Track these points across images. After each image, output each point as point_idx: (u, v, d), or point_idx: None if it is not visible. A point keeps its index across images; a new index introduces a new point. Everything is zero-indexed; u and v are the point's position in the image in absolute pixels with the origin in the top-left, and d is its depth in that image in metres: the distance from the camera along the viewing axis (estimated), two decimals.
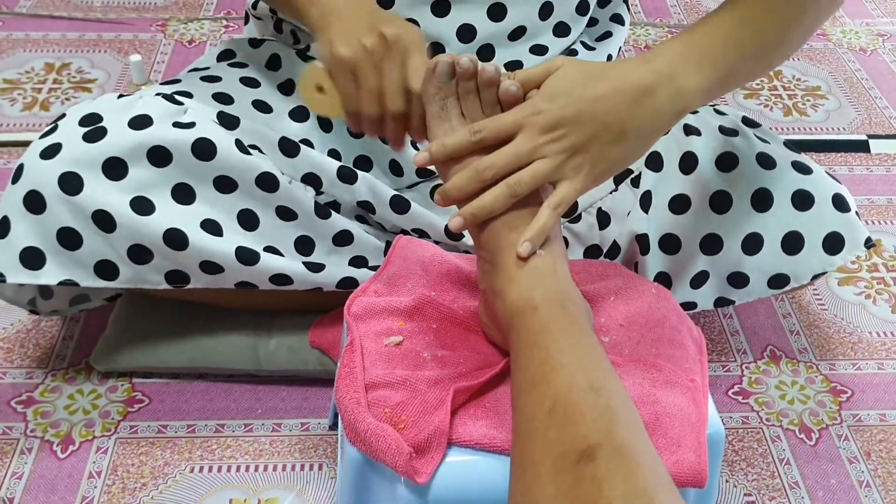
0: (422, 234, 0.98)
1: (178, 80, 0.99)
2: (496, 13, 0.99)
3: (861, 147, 1.47)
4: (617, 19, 1.15)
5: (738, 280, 0.96)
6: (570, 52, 1.08)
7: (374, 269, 0.96)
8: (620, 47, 1.15)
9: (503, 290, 0.74)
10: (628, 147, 0.76)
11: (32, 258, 0.86)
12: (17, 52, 1.58)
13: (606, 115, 0.74)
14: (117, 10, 1.72)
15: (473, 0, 0.97)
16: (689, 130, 0.95)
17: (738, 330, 1.14)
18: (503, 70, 0.77)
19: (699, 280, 0.97)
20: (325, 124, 1.03)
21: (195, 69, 1.04)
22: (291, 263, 0.91)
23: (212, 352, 1.02)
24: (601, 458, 0.55)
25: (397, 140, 0.81)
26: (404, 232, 0.99)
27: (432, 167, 0.86)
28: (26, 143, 1.34)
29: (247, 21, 1.16)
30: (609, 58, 1.12)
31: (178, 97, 0.91)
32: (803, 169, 0.95)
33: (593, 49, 1.11)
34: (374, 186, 0.97)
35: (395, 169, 1.05)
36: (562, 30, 1.04)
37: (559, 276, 0.74)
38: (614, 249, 0.98)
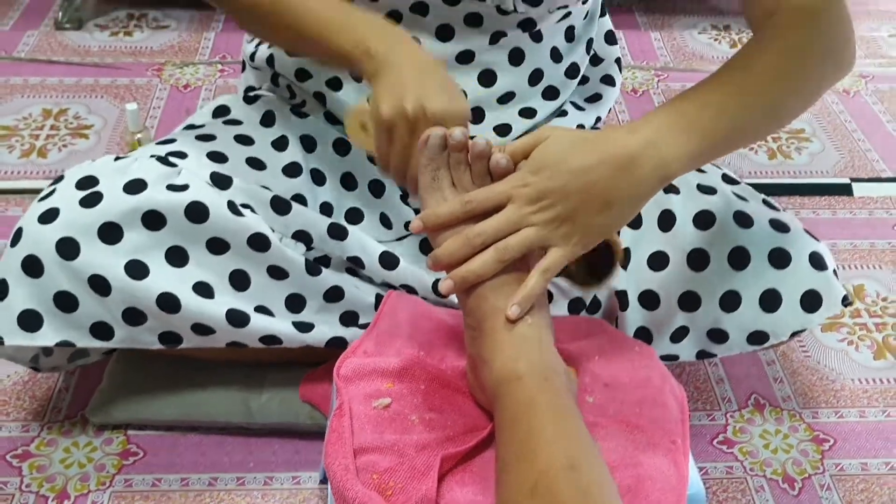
0: (410, 289, 1.01)
1: (173, 140, 1.01)
2: (486, 79, 1.02)
3: (844, 190, 1.50)
4: (608, 80, 1.17)
5: (718, 336, 0.98)
6: (560, 112, 1.11)
7: (363, 326, 0.98)
8: (611, 108, 1.17)
9: (489, 357, 0.76)
10: (614, 215, 0.78)
11: (30, 320, 0.88)
12: (15, 98, 1.61)
13: (592, 186, 0.76)
14: (114, 54, 1.75)
15: (465, 67, 1.00)
16: (668, 188, 0.98)
17: (723, 378, 1.16)
18: (493, 141, 0.80)
19: (679, 335, 0.99)
20: (318, 178, 1.05)
21: (191, 126, 1.06)
22: (281, 324, 0.94)
23: (204, 405, 1.04)
24: None
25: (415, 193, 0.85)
26: (393, 287, 1.01)
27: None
28: (24, 191, 1.38)
29: (243, 69, 1.18)
30: (598, 119, 1.14)
31: (172, 158, 0.93)
32: (781, 227, 0.97)
33: (583, 110, 1.14)
34: (364, 242, 0.99)
35: (385, 222, 1.07)
36: (551, 93, 1.07)
37: (543, 347, 0.76)
38: (595, 304, 1.01)
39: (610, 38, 1.16)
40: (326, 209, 1.05)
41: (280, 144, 1.04)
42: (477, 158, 0.78)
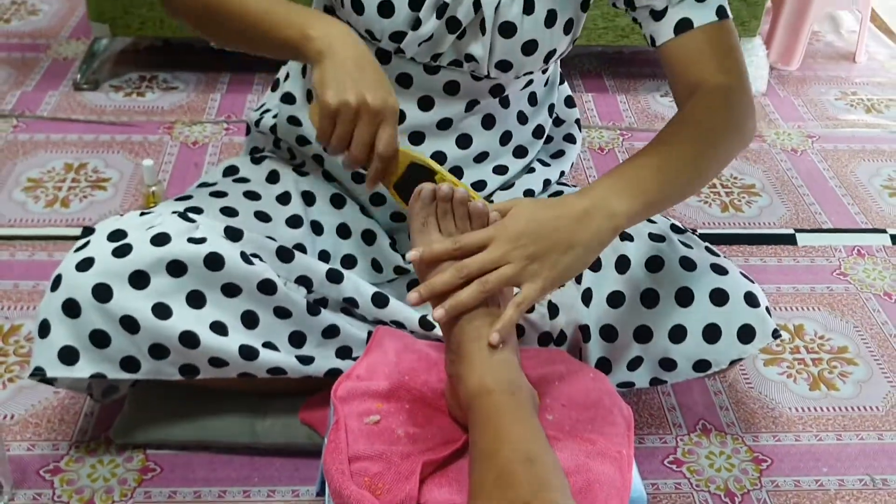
0: (399, 324, 1.15)
1: (190, 197, 1.15)
2: (463, 142, 1.17)
3: (789, 240, 1.66)
4: (569, 139, 1.34)
5: (668, 364, 1.12)
6: (529, 169, 1.26)
7: (356, 359, 1.12)
8: (573, 163, 1.33)
9: (465, 376, 0.91)
10: (576, 258, 0.93)
11: (68, 355, 1.02)
12: (39, 153, 1.76)
13: (557, 234, 0.91)
14: (128, 113, 1.91)
15: (444, 132, 1.16)
16: (623, 236, 1.12)
17: (675, 406, 1.30)
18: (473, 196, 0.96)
19: (634, 364, 1.13)
20: (317, 229, 1.20)
21: (204, 184, 1.20)
22: (286, 357, 1.07)
23: (215, 428, 1.17)
24: None
25: (352, 169, 0.99)
26: (383, 325, 1.16)
27: (408, 266, 1.12)
28: (48, 238, 1.53)
29: (248, 133, 1.33)
30: (562, 174, 1.30)
31: (190, 214, 1.07)
32: (720, 270, 1.12)
33: (548, 165, 1.29)
34: (358, 285, 1.14)
35: (377, 266, 1.22)
36: (520, 152, 1.23)
37: (510, 367, 0.91)
38: (562, 337, 1.15)
39: (569, 102, 1.33)
40: (324, 256, 1.19)
41: (284, 199, 1.18)
42: (458, 204, 0.94)
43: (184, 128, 1.86)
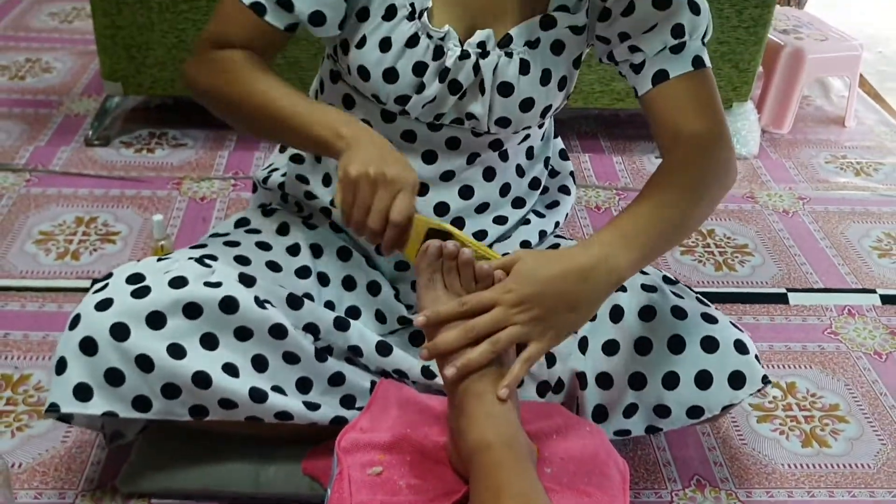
0: (401, 373, 1.18)
1: (204, 245, 1.19)
2: (465, 193, 1.22)
3: (781, 299, 1.70)
4: (564, 190, 1.38)
5: (663, 411, 1.14)
6: (525, 221, 1.31)
7: (360, 408, 1.15)
8: (567, 214, 1.37)
9: (465, 430, 0.94)
10: (579, 314, 0.98)
11: (83, 392, 1.04)
12: (51, 207, 1.80)
13: (559, 293, 0.96)
14: (138, 168, 1.96)
15: (447, 184, 1.20)
16: (618, 287, 1.17)
17: (670, 461, 1.33)
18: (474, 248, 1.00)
19: (630, 411, 1.16)
20: (324, 280, 1.24)
21: (217, 234, 1.24)
22: (293, 402, 1.10)
23: (220, 477, 1.19)
24: None
25: (374, 243, 1.02)
26: (386, 373, 1.19)
27: (411, 316, 1.14)
28: (58, 290, 1.56)
29: (254, 190, 1.38)
30: (556, 224, 1.34)
31: (206, 260, 1.11)
32: (710, 319, 1.15)
33: (544, 216, 1.33)
34: (363, 333, 1.17)
35: (381, 318, 1.25)
36: (518, 203, 1.28)
37: (510, 422, 0.95)
38: (559, 385, 1.18)
39: (563, 155, 1.39)
40: (330, 306, 1.22)
41: (293, 251, 1.22)
42: (464, 266, 0.99)
43: (192, 183, 1.91)
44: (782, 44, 2.29)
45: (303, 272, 1.20)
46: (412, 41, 1.08)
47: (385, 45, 1.08)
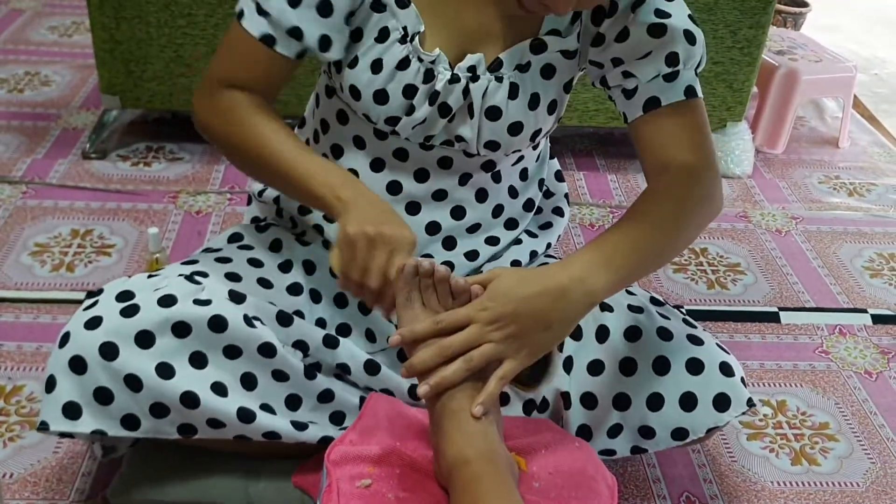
0: (388, 392, 1.18)
1: (195, 261, 1.19)
2: (457, 213, 1.22)
3: (773, 318, 1.70)
4: (558, 211, 1.39)
5: (647, 432, 1.14)
6: (517, 241, 1.31)
7: (348, 426, 1.15)
8: (560, 235, 1.38)
9: (445, 448, 0.95)
10: (553, 333, 0.99)
11: (72, 410, 1.04)
12: (47, 219, 1.81)
13: (534, 312, 0.96)
14: (134, 182, 1.97)
15: (439, 203, 1.21)
16: (603, 307, 1.16)
17: (660, 478, 1.33)
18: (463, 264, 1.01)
19: (614, 431, 1.16)
20: (315, 297, 1.24)
21: (209, 249, 1.25)
22: (282, 422, 1.10)
23: (210, 490, 1.19)
24: None
25: (372, 305, 1.04)
26: (374, 391, 1.19)
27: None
28: (53, 301, 1.57)
29: (249, 202, 1.39)
30: (548, 245, 1.35)
31: (196, 277, 1.12)
32: (696, 341, 1.15)
33: (536, 237, 1.34)
34: (352, 351, 1.18)
35: (370, 336, 1.25)
36: (511, 224, 1.29)
37: (488, 437, 0.95)
38: (544, 404, 1.19)
39: (559, 177, 1.39)
40: (321, 324, 1.23)
41: (285, 267, 1.23)
42: (440, 282, 0.99)
43: (188, 197, 1.92)
44: (777, 65, 2.31)
45: (294, 289, 1.21)
46: (403, 64, 1.09)
47: (377, 66, 1.09)
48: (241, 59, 1.10)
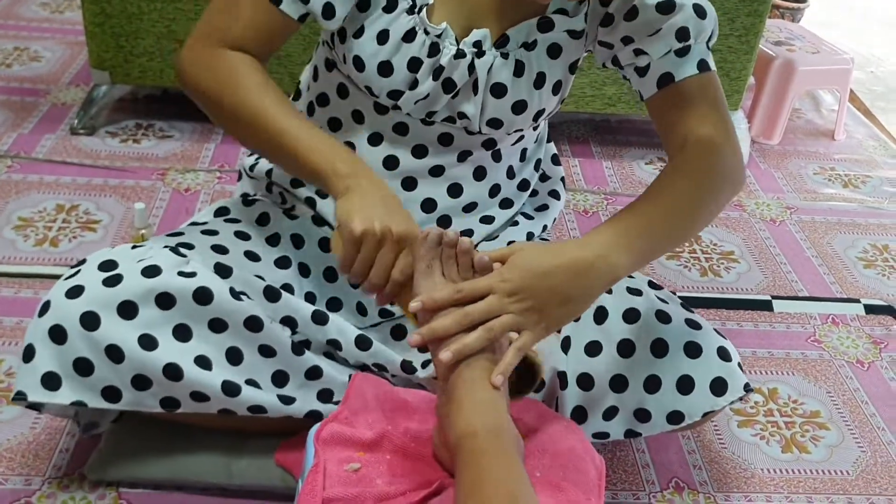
0: (381, 367, 1.16)
1: (181, 233, 1.17)
2: (454, 191, 1.20)
3: (765, 306, 1.69)
4: (554, 195, 1.37)
5: (643, 415, 1.13)
6: (513, 222, 1.29)
7: (337, 403, 1.13)
8: (555, 218, 1.37)
9: (454, 418, 0.92)
10: (571, 308, 0.97)
11: (51, 381, 1.02)
12: (32, 194, 1.78)
13: (554, 286, 0.94)
14: (122, 158, 1.94)
15: (436, 179, 1.19)
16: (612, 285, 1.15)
17: (649, 463, 1.31)
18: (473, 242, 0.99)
19: (610, 413, 1.14)
20: (304, 271, 1.22)
21: (195, 223, 1.22)
22: (267, 396, 1.08)
23: (190, 467, 1.17)
24: None
25: (370, 293, 1.02)
26: (365, 367, 1.17)
27: (394, 309, 1.14)
28: (36, 276, 1.54)
29: (240, 178, 1.36)
30: (545, 228, 1.33)
31: (182, 249, 1.09)
32: (694, 325, 1.14)
33: (532, 219, 1.32)
34: (342, 327, 1.15)
35: (361, 310, 1.23)
36: (506, 204, 1.27)
37: (498, 411, 0.92)
38: (541, 383, 1.17)
39: (555, 160, 1.38)
40: (310, 298, 1.21)
41: (273, 241, 1.20)
42: (462, 254, 0.97)
43: (177, 175, 1.90)
44: (774, 55, 2.29)
45: (282, 262, 1.19)
46: (409, 36, 1.07)
47: (382, 37, 1.07)
48: (242, 15, 1.06)
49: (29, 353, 1.03)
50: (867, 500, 1.29)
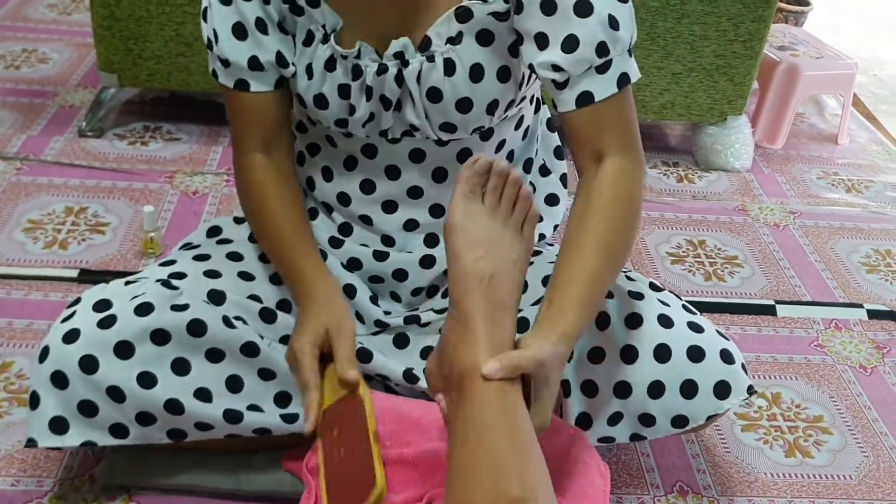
0: (383, 377, 1.17)
1: (173, 261, 1.16)
2: (435, 211, 1.20)
3: (769, 311, 1.70)
4: (551, 200, 1.35)
5: (647, 420, 1.13)
6: None
7: None
8: (556, 225, 1.35)
9: (461, 351, 0.88)
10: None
11: (58, 425, 1.04)
12: (41, 196, 1.79)
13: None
14: (130, 161, 1.96)
15: (416, 202, 1.19)
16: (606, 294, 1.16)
17: (653, 467, 1.32)
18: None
19: (614, 419, 1.14)
20: None
21: (188, 245, 1.22)
22: (271, 418, 1.10)
23: (200, 473, 1.18)
24: None
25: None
26: (368, 378, 1.18)
27: (395, 320, 1.16)
28: (45, 278, 1.55)
29: None
30: (542, 237, 1.31)
31: (173, 281, 1.09)
32: (697, 328, 1.14)
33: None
34: None
35: (359, 319, 1.24)
36: None
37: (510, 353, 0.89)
38: None
39: (558, 154, 1.34)
40: None
41: (266, 258, 1.20)
42: (512, 184, 0.95)
43: (185, 177, 1.91)
44: (778, 60, 2.30)
45: (277, 278, 1.19)
46: (329, 64, 1.07)
47: (309, 71, 1.08)
48: (238, 116, 1.14)
49: (34, 400, 1.05)
50: None
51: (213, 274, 1.14)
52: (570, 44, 1.00)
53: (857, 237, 1.98)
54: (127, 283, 1.10)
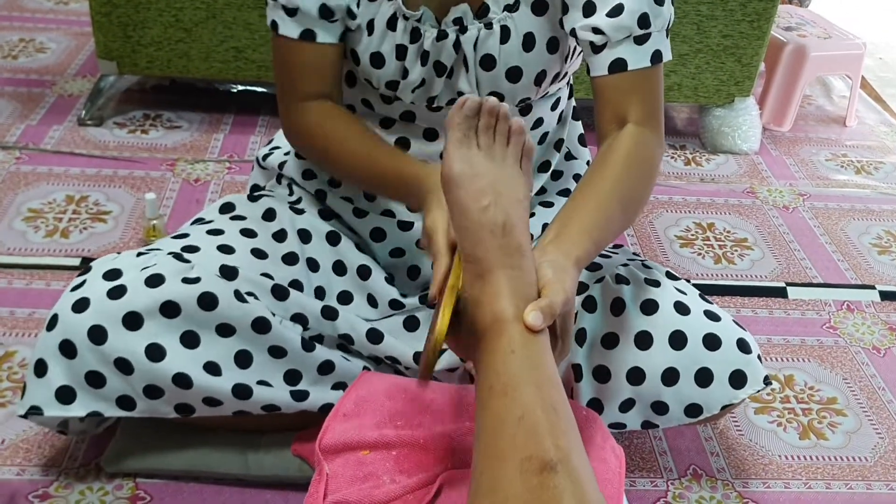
0: (393, 360, 1.16)
1: (186, 235, 1.15)
2: None
3: (780, 293, 1.68)
4: (577, 179, 1.34)
5: (660, 407, 1.12)
6: (530, 213, 1.27)
7: None
8: None
9: (486, 300, 0.82)
10: None
11: (65, 394, 1.02)
12: (42, 185, 1.77)
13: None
14: (131, 149, 1.93)
15: None
16: (620, 279, 1.14)
17: (666, 451, 1.31)
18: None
19: (626, 406, 1.13)
20: (313, 266, 1.21)
21: (201, 220, 1.20)
22: (280, 393, 1.08)
23: (207, 457, 1.17)
24: (561, 475, 0.69)
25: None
26: (378, 360, 1.16)
27: (405, 301, 1.14)
28: (46, 267, 1.53)
29: (253, 168, 1.36)
30: None
31: (185, 255, 1.08)
32: (713, 316, 1.12)
33: (552, 206, 1.29)
34: (353, 322, 1.14)
35: (372, 302, 1.22)
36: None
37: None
38: None
39: (582, 141, 1.33)
40: (320, 293, 1.20)
41: (280, 237, 1.19)
42: (502, 119, 0.90)
43: (186, 165, 1.89)
44: (785, 41, 2.27)
45: (290, 258, 1.17)
46: (391, 23, 1.07)
47: (370, 27, 1.07)
48: (295, 68, 1.10)
49: (41, 368, 1.03)
50: (886, 486, 1.28)
51: (226, 249, 1.12)
52: (615, 10, 1.01)
53: (868, 218, 1.96)
54: (139, 254, 1.08)
